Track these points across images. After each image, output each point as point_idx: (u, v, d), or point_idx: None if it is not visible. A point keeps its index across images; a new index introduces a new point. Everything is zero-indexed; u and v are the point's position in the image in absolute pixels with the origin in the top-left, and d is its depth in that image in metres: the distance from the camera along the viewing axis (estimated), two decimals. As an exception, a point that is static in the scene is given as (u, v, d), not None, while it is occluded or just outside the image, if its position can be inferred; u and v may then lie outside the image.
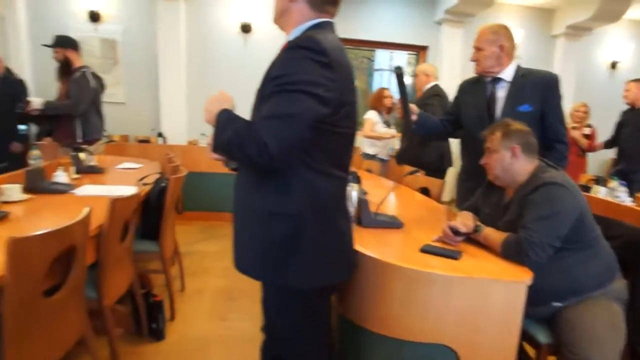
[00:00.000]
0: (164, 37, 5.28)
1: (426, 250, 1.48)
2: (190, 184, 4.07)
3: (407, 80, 6.28)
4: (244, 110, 1.19)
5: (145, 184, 2.54)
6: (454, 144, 2.56)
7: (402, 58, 6.40)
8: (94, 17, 5.31)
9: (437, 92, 3.71)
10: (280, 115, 1.02)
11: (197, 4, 5.47)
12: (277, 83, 1.05)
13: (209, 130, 1.13)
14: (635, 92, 3.89)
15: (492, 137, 1.66)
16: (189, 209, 4.25)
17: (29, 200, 2.04)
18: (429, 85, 3.80)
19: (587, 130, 4.46)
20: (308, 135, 1.04)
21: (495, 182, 1.72)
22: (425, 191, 2.92)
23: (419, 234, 1.71)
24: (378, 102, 4.39)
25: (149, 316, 2.29)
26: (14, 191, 1.98)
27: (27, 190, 2.12)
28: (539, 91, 1.98)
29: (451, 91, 2.73)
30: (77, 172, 2.81)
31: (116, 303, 1.97)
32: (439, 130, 2.28)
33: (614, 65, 6.35)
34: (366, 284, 1.39)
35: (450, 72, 5.63)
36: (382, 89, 4.44)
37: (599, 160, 5.98)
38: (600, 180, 3.18)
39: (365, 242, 1.48)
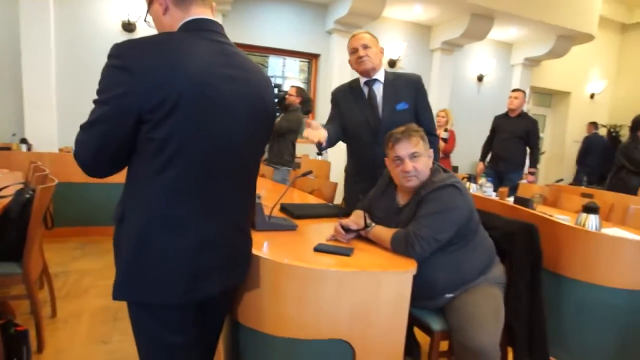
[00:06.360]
0: (29, 36, 4.58)
1: (319, 249, 1.48)
2: (63, 196, 3.62)
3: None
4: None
5: (3, 197, 2.18)
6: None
7: (294, 65, 6.49)
8: None
9: None
10: None
11: (69, 2, 4.88)
12: None
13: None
14: (521, 100, 4.20)
15: (413, 142, 1.65)
16: (62, 224, 3.73)
17: None
18: None
19: (444, 134, 4.78)
20: None
21: (410, 186, 1.68)
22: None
23: (312, 235, 1.71)
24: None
25: (9, 350, 1.95)
26: None
27: None
28: (412, 90, 2.15)
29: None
30: None
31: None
32: (339, 139, 2.23)
33: (480, 78, 7.20)
34: (259, 286, 1.34)
35: (341, 80, 5.85)
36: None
37: (470, 161, 6.74)
38: (471, 178, 3.56)
39: (259, 245, 1.44)
